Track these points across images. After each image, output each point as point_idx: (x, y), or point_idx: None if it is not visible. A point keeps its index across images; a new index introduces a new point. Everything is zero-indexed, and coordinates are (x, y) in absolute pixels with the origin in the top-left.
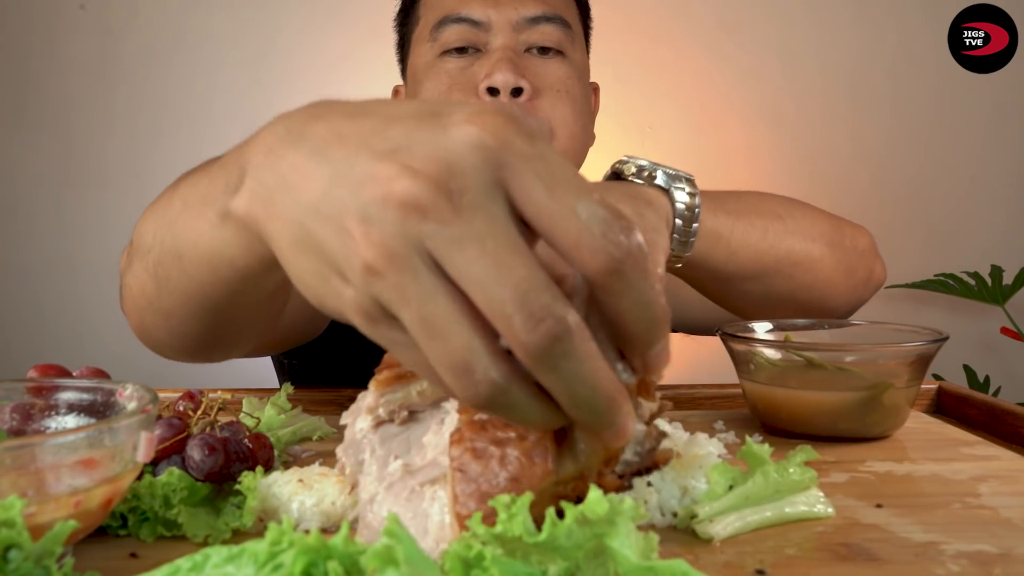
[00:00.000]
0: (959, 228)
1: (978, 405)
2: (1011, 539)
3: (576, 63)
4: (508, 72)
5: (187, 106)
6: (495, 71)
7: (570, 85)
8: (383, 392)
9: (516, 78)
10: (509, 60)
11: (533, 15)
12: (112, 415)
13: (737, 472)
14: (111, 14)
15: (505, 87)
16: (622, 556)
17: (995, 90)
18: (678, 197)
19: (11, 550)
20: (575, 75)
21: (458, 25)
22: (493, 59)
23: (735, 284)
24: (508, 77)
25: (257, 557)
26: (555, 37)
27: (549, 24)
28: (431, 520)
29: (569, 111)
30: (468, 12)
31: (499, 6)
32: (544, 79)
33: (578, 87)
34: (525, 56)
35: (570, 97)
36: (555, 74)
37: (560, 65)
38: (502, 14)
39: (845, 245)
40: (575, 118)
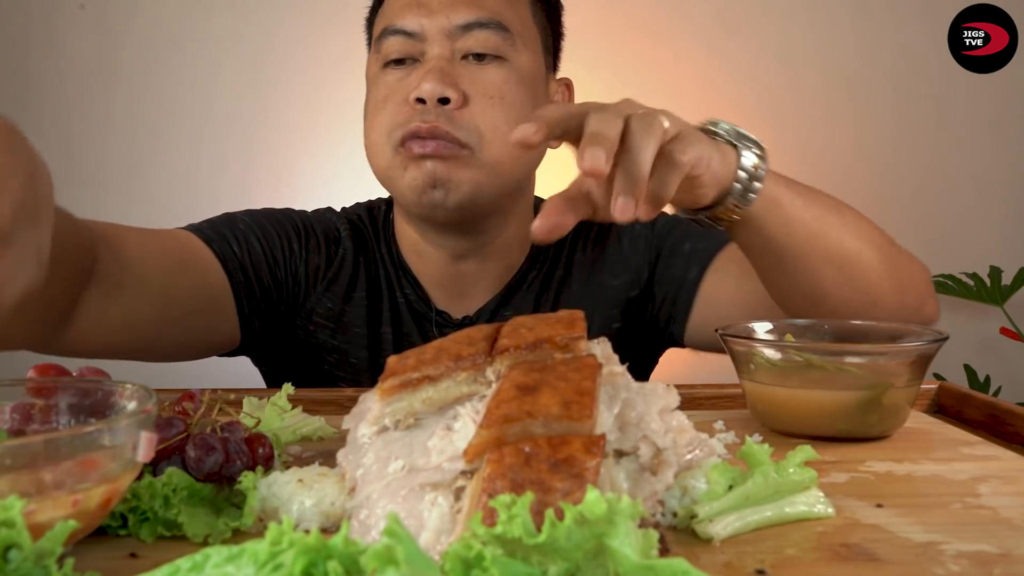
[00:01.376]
0: (958, 229)
1: (978, 405)
2: (1011, 539)
3: (519, 66)
4: (433, 82)
5: (187, 106)
6: (422, 81)
7: (505, 90)
8: (388, 401)
9: (442, 87)
10: (437, 70)
11: (465, 22)
12: (112, 415)
13: (737, 472)
14: (111, 14)
15: (431, 97)
16: (622, 555)
17: (995, 90)
18: (745, 155)
19: (11, 550)
20: (514, 79)
21: (395, 37)
22: (424, 69)
23: (788, 264)
24: (433, 87)
25: (257, 557)
26: (491, 43)
27: (483, 30)
28: (427, 525)
29: (501, 117)
30: (403, 23)
31: (432, 15)
32: (477, 86)
33: (517, 92)
34: (461, 64)
35: (504, 103)
36: (489, 80)
37: (497, 71)
38: (435, 23)
39: (897, 261)
40: (509, 124)
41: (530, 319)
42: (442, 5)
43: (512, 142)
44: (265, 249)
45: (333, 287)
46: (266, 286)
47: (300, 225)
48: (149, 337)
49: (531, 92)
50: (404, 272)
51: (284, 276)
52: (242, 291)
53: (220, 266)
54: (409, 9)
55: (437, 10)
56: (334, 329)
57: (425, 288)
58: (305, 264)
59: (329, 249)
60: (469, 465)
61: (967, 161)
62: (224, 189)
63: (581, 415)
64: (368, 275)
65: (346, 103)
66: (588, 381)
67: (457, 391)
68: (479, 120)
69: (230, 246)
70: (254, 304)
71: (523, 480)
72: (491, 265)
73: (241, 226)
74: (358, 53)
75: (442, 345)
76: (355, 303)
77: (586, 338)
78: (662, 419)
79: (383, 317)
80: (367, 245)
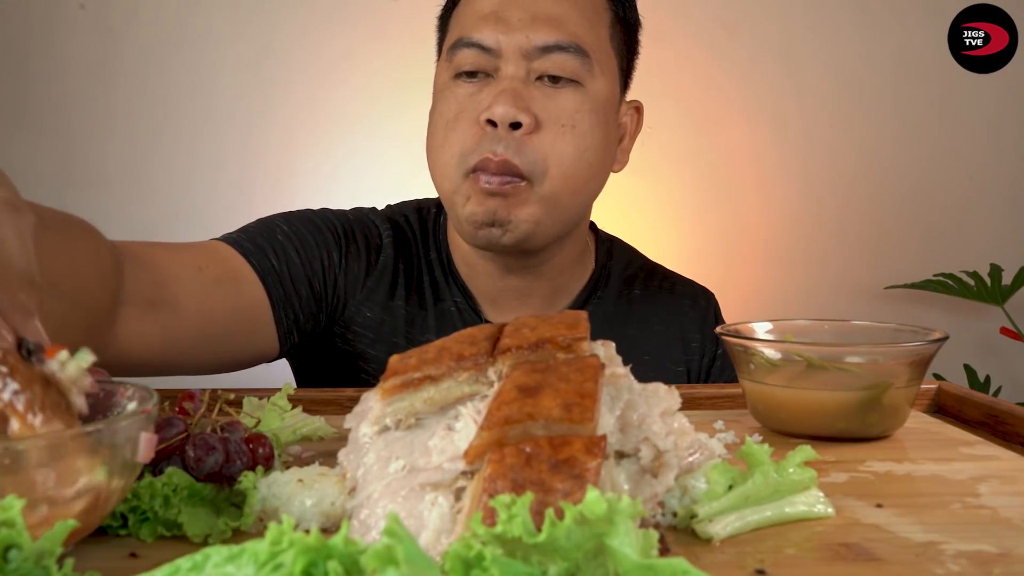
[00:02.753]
0: (958, 228)
1: (978, 405)
2: (1011, 539)
3: (594, 93)
4: (506, 105)
5: (187, 106)
6: (495, 103)
7: (578, 119)
8: (390, 401)
9: (516, 112)
10: (511, 92)
11: (544, 43)
12: (112, 415)
13: (737, 472)
14: (111, 14)
15: (503, 121)
16: (622, 555)
17: (995, 90)
18: None
19: (11, 550)
20: (588, 107)
21: (470, 50)
22: (497, 89)
23: None
24: (507, 110)
25: (257, 557)
26: (569, 67)
27: (562, 53)
28: (427, 525)
29: (570, 147)
30: (479, 37)
31: (510, 31)
32: (549, 112)
33: (588, 120)
34: (535, 85)
35: (575, 132)
36: (563, 107)
37: (571, 97)
38: (512, 40)
39: None
40: (575, 155)
41: (532, 319)
42: (522, 23)
43: None
44: (304, 261)
45: (373, 296)
46: (304, 299)
47: (340, 231)
48: (190, 353)
49: (603, 120)
50: (454, 279)
51: (323, 287)
52: (281, 305)
53: (259, 281)
54: (487, 23)
55: (516, 28)
56: (373, 339)
57: (476, 298)
58: (344, 274)
59: (369, 257)
60: (470, 466)
61: (967, 161)
62: (224, 189)
63: (582, 417)
64: (408, 282)
65: (346, 103)
66: (590, 383)
67: (459, 391)
68: (548, 148)
69: (268, 259)
70: (292, 317)
71: (524, 480)
72: (542, 283)
73: (280, 236)
74: (358, 53)
75: (444, 345)
76: (394, 311)
77: (588, 338)
78: (664, 421)
79: (427, 325)
80: (411, 249)
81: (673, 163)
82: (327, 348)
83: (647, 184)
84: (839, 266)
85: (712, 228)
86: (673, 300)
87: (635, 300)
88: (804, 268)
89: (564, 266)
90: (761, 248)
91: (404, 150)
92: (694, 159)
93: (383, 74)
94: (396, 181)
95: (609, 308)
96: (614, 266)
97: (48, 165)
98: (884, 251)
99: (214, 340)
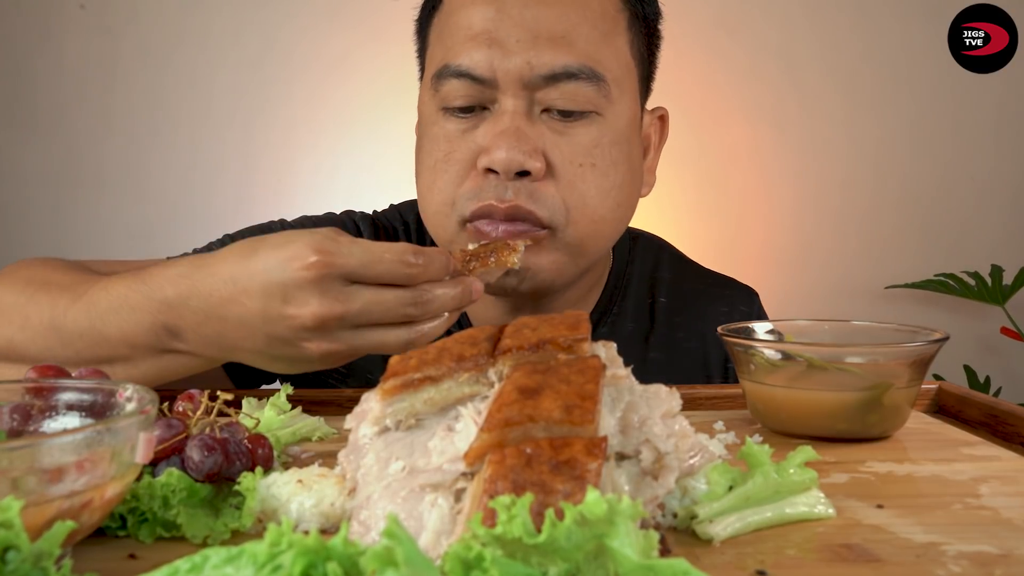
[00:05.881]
0: (959, 228)
1: (978, 406)
2: (1012, 540)
3: (614, 121)
4: (509, 151)
5: (186, 106)
6: (494, 147)
7: (598, 155)
8: (390, 401)
9: (521, 158)
10: (513, 133)
11: (550, 71)
12: (111, 416)
13: (737, 473)
14: (111, 14)
15: (506, 170)
16: (622, 556)
17: (995, 90)
18: None
19: (9, 551)
20: (608, 139)
21: (459, 81)
22: (495, 128)
23: None
24: (511, 157)
25: (256, 558)
26: (581, 97)
27: (573, 82)
28: (427, 526)
29: (593, 189)
30: (470, 64)
31: (508, 55)
32: (562, 151)
33: (611, 153)
34: (541, 119)
35: (597, 170)
36: (578, 143)
37: (587, 131)
38: (511, 67)
39: None
40: (601, 195)
41: (533, 320)
42: (521, 45)
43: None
44: None
45: None
46: None
47: None
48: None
49: (627, 150)
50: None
51: None
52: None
53: None
54: (478, 45)
55: (515, 50)
56: (345, 374)
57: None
58: None
59: None
60: (470, 467)
61: (967, 161)
62: (223, 189)
63: (583, 419)
64: None
65: (346, 103)
66: (591, 384)
67: (459, 392)
68: (566, 194)
69: None
70: (244, 369)
71: (524, 481)
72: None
73: None
74: (358, 53)
75: (444, 345)
76: None
77: (590, 339)
78: (665, 423)
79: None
80: None
81: (673, 163)
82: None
83: None
84: (839, 266)
85: (712, 228)
86: (706, 309)
87: (659, 312)
88: (804, 268)
89: (577, 298)
90: (761, 248)
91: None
92: (694, 159)
93: (383, 74)
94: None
95: (627, 326)
96: (635, 271)
97: (48, 165)
98: (884, 251)
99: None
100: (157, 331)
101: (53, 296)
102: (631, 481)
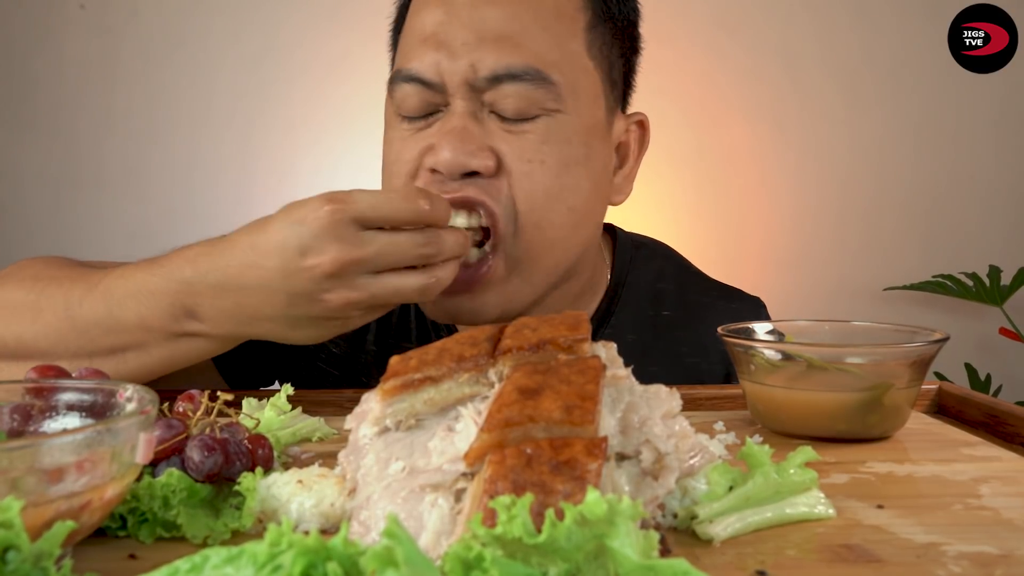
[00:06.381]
0: (958, 229)
1: (979, 406)
2: (1012, 540)
3: (565, 120)
4: (453, 150)
5: (186, 106)
6: (439, 147)
7: (547, 153)
8: (390, 402)
9: (465, 158)
10: (459, 131)
11: (492, 72)
12: (111, 416)
13: (737, 473)
14: (111, 14)
15: (450, 171)
16: (622, 556)
17: (995, 90)
18: None
19: (9, 551)
20: (560, 137)
21: (410, 85)
22: (443, 129)
23: None
24: (453, 158)
25: (256, 558)
26: (525, 100)
27: (516, 83)
28: (427, 526)
29: (541, 188)
30: (419, 68)
31: (453, 58)
32: (512, 149)
33: (562, 153)
34: (491, 119)
35: (547, 168)
36: (528, 141)
37: (534, 131)
38: (456, 69)
39: None
40: (550, 197)
41: (534, 320)
42: (466, 47)
43: None
44: None
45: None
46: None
47: None
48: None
49: (583, 152)
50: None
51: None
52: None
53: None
54: (427, 47)
55: (460, 53)
56: (338, 376)
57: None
58: None
59: None
60: (470, 467)
61: (966, 161)
62: (223, 189)
63: (583, 420)
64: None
65: (345, 102)
66: (591, 384)
67: (459, 392)
68: (516, 191)
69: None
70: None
71: (524, 482)
72: None
73: None
74: (358, 53)
75: (444, 346)
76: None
77: (590, 339)
78: (665, 424)
79: None
80: None
81: (672, 163)
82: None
83: (646, 184)
84: (839, 267)
85: (711, 229)
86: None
87: (662, 324)
88: (804, 269)
89: (565, 304)
90: (761, 249)
91: None
92: (694, 159)
93: (383, 74)
94: None
95: (627, 337)
96: (635, 281)
97: (48, 165)
98: (884, 252)
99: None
100: (175, 312)
101: (65, 288)
102: (631, 481)
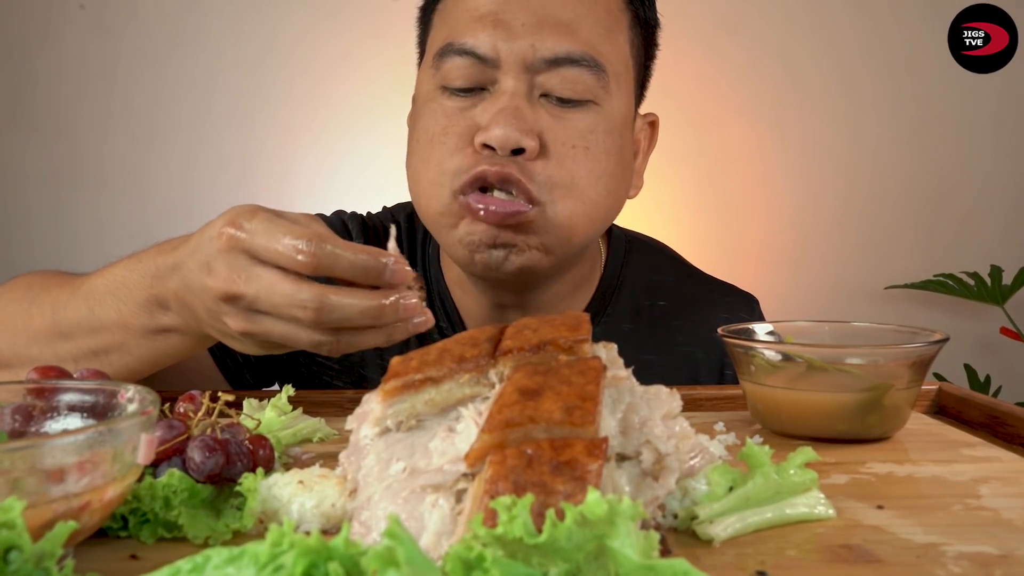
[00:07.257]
0: (958, 228)
1: (979, 406)
2: (1012, 540)
3: (610, 112)
4: (506, 128)
5: (186, 106)
6: (493, 124)
7: (592, 140)
8: (391, 402)
9: (517, 135)
10: (512, 111)
11: (553, 55)
12: (113, 417)
13: (737, 473)
14: (110, 14)
15: (503, 146)
16: (623, 556)
17: (995, 90)
18: None
19: (11, 551)
20: (603, 127)
21: (461, 59)
22: (495, 107)
23: None
24: (507, 133)
25: (258, 558)
26: (581, 84)
27: (574, 68)
28: (428, 527)
29: (584, 170)
30: (474, 43)
31: (512, 38)
32: (557, 133)
33: (603, 142)
34: (540, 103)
35: (589, 155)
36: (574, 128)
37: (584, 118)
38: (514, 49)
39: None
40: (592, 178)
41: (534, 320)
42: (527, 28)
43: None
44: None
45: None
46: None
47: None
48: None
49: (619, 143)
50: (443, 301)
51: None
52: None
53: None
54: (483, 26)
55: (520, 33)
56: (338, 370)
57: (466, 324)
58: None
59: None
60: (471, 468)
61: (967, 161)
62: (223, 189)
63: (583, 420)
64: None
65: (345, 102)
66: (592, 385)
67: (460, 392)
68: (555, 172)
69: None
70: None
71: (525, 482)
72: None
73: None
74: (358, 53)
75: (445, 346)
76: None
77: (590, 340)
78: (665, 424)
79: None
80: None
81: (673, 163)
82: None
83: (646, 184)
84: (839, 266)
85: (711, 228)
86: (707, 315)
87: (657, 316)
88: (804, 268)
89: (564, 293)
90: (761, 248)
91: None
92: (693, 159)
93: (383, 74)
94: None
95: (622, 327)
96: (630, 274)
97: (48, 165)
98: (884, 251)
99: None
100: (149, 306)
101: (53, 295)
102: (632, 482)
